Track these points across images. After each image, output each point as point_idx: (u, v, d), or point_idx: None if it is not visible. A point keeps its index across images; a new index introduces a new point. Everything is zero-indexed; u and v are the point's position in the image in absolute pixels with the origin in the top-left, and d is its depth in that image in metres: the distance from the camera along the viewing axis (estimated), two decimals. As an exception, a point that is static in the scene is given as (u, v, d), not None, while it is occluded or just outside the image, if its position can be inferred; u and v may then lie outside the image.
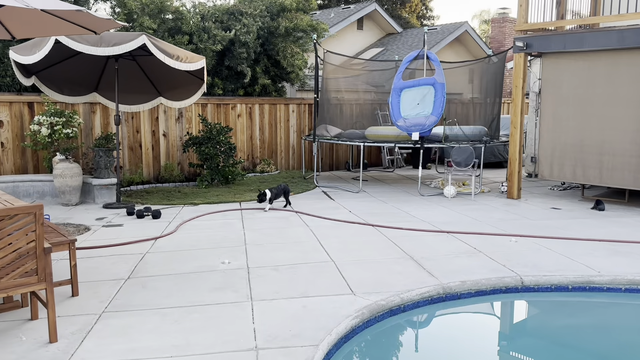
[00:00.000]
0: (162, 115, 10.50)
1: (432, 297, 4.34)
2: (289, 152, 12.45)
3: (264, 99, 11.93)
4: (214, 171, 9.77)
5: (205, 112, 11.03)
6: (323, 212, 7.60)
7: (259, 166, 11.77)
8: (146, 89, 8.97)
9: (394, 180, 11.36)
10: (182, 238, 6.07)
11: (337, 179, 11.38)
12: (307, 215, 7.36)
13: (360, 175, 10.22)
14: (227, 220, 7.04)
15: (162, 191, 9.44)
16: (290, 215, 7.40)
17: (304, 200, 8.63)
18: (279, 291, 4.30)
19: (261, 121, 11.94)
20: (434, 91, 8.76)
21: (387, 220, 6.97)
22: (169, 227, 6.65)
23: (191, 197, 8.87)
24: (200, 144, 9.74)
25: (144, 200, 8.60)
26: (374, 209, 7.84)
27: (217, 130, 9.77)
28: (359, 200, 8.63)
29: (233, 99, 11.44)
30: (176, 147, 10.69)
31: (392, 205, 8.15)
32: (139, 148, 10.29)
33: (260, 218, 7.19)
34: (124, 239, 6.00)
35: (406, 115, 8.91)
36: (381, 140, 9.85)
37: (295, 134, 12.51)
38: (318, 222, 6.87)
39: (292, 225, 6.71)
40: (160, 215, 7.19)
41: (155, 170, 10.49)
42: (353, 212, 7.63)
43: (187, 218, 7.15)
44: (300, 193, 9.47)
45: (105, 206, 7.96)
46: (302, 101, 12.58)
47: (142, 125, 10.29)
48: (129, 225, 6.74)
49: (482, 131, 10.35)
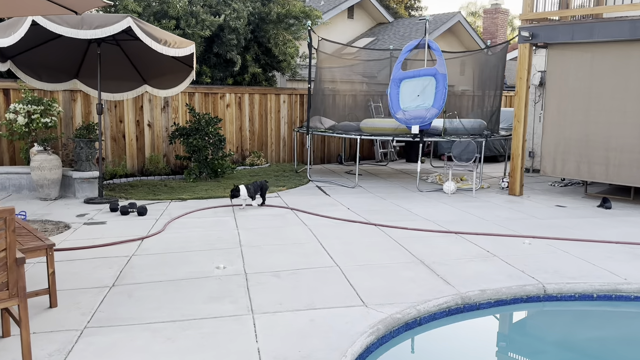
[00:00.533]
0: (147, 104, 9.96)
1: (450, 307, 3.97)
2: (279, 144, 11.99)
3: (254, 89, 11.43)
4: (203, 164, 9.29)
5: (193, 101, 10.51)
6: (320, 209, 7.19)
7: (248, 159, 11.30)
8: (130, 76, 8.43)
9: (388, 174, 10.98)
10: (171, 238, 5.60)
11: (331, 173, 10.96)
12: (304, 212, 6.93)
13: (356, 170, 9.82)
14: (219, 218, 6.59)
15: (147, 185, 8.93)
16: (286, 212, 6.97)
17: (298, 196, 8.20)
18: (282, 302, 3.88)
19: (251, 112, 11.45)
20: (435, 82, 8.37)
21: (389, 219, 6.58)
22: (156, 225, 6.18)
23: (178, 191, 8.38)
24: (188, 135, 9.24)
25: (128, 194, 8.09)
26: (372, 206, 7.44)
27: (206, 120, 9.27)
28: (356, 196, 8.23)
29: (222, 88, 10.92)
30: (162, 138, 10.17)
31: (391, 202, 7.76)
32: (123, 139, 9.75)
33: (254, 215, 6.75)
34: (108, 239, 5.52)
35: (406, 107, 8.51)
36: (378, 133, 9.44)
37: (286, 125, 12.04)
38: (316, 221, 6.45)
39: (289, 224, 6.28)
40: (146, 211, 6.71)
41: (139, 162, 9.97)
42: (352, 209, 7.22)
43: (176, 215, 6.68)
44: (294, 188, 9.04)
45: (87, 201, 7.44)
46: (293, 91, 12.11)
47: (125, 115, 9.74)
48: (112, 223, 6.25)
49: (482, 125, 10.00)
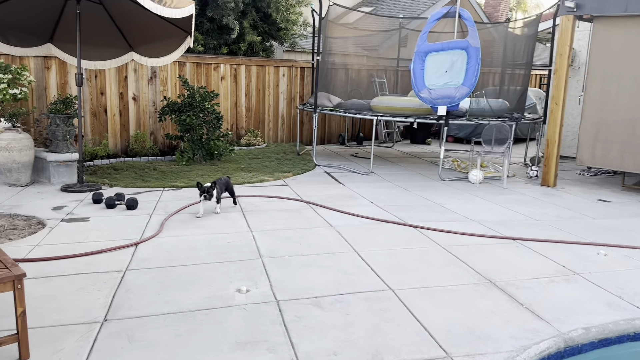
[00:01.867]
0: (132, 75, 8.74)
1: (551, 354, 3.05)
2: (277, 122, 10.89)
3: (251, 60, 10.26)
4: (197, 145, 8.17)
5: (184, 72, 9.31)
6: (340, 203, 6.20)
7: (244, 138, 10.19)
8: (114, 41, 7.22)
9: (399, 158, 10.01)
10: (172, 243, 4.56)
11: (336, 156, 9.94)
12: (323, 208, 5.93)
13: (371, 155, 8.81)
14: (225, 214, 5.55)
15: (134, 167, 7.79)
16: (302, 207, 5.96)
17: (308, 185, 7.19)
18: (336, 351, 2.90)
19: (247, 85, 10.29)
20: (467, 57, 7.35)
21: (425, 218, 5.63)
22: (150, 223, 5.11)
23: (171, 176, 7.28)
24: (181, 111, 8.09)
25: (112, 180, 6.97)
26: (398, 199, 6.48)
27: (202, 95, 8.12)
28: (374, 186, 7.25)
29: (216, 58, 9.73)
30: (148, 114, 8.99)
31: (417, 194, 6.81)
32: (104, 113, 8.55)
33: (266, 211, 5.73)
34: (93, 243, 4.44)
35: (432, 85, 7.49)
36: (396, 113, 8.42)
37: (285, 101, 10.93)
38: (342, 220, 5.46)
39: (312, 223, 5.27)
40: (137, 204, 5.63)
41: (123, 141, 8.79)
42: (376, 203, 6.25)
43: (173, 210, 5.61)
44: (301, 174, 8.01)
45: (65, 189, 6.31)
46: (293, 64, 10.96)
47: (107, 86, 8.52)
48: (97, 220, 5.17)
49: (504, 105, 9.08)
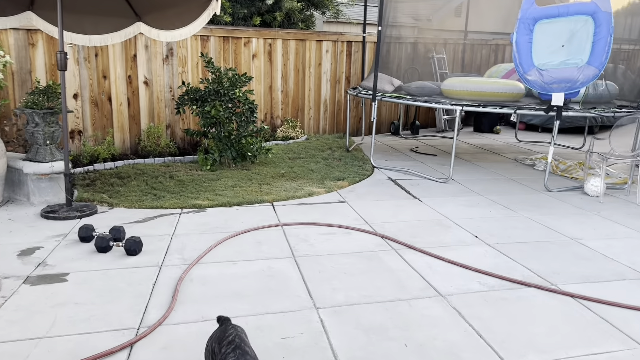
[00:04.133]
0: (142, 53, 6.92)
1: None
2: (319, 109, 8.98)
3: (289, 32, 8.32)
4: (225, 143, 6.34)
5: (207, 48, 7.45)
6: (429, 237, 4.32)
7: (280, 129, 8.33)
8: (115, 7, 5.39)
9: (472, 154, 8.04)
10: (190, 337, 2.75)
11: (393, 152, 8.01)
12: (411, 249, 4.06)
13: (451, 160, 6.90)
14: (268, 263, 3.72)
15: (144, 174, 6.02)
16: (379, 247, 4.09)
17: (374, 202, 5.31)
18: None
19: (285, 65, 8.38)
20: (594, 25, 5.31)
21: (571, 271, 3.71)
22: (158, 284, 3.32)
23: (191, 189, 5.49)
24: (204, 100, 6.26)
25: (114, 195, 5.20)
26: (509, 229, 4.58)
27: (230, 79, 6.26)
28: (463, 202, 5.34)
29: (247, 31, 7.83)
30: (164, 102, 7.18)
31: (530, 219, 4.89)
32: (108, 103, 6.77)
33: (328, 256, 3.89)
34: (58, 341, 2.68)
35: (543, 65, 5.48)
36: (485, 100, 6.44)
37: (329, 83, 8.99)
38: (449, 277, 3.58)
39: (405, 287, 3.39)
40: (141, 247, 3.83)
41: (132, 136, 7.02)
42: (481, 237, 4.35)
43: (193, 254, 3.81)
44: (358, 182, 6.14)
45: (46, 213, 4.56)
46: (339, 37, 8.98)
47: (112, 67, 6.72)
48: (79, 278, 3.40)
49: (615, 90, 7.03)
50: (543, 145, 9.03)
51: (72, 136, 6.56)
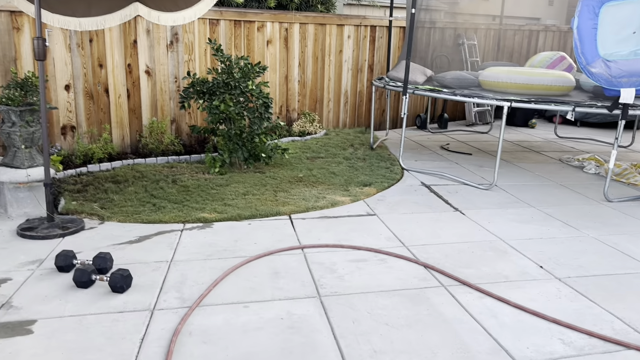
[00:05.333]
0: (143, 38, 6.14)
1: None
2: (339, 101, 8.17)
3: (307, 16, 7.49)
4: (235, 142, 5.57)
5: (216, 33, 6.65)
6: (483, 267, 3.53)
7: (297, 124, 7.54)
8: (107, -14, 4.61)
9: (510, 153, 7.19)
10: None
11: (422, 150, 7.19)
12: (463, 285, 3.27)
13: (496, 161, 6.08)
14: (288, 304, 2.96)
15: (144, 178, 5.27)
16: (424, 282, 3.30)
17: (408, 215, 4.52)
18: None
19: (302, 52, 7.56)
20: (677, 8, 4.44)
21: (669, 317, 2.93)
22: (147, 337, 2.58)
23: (196, 197, 4.74)
24: (212, 93, 5.48)
25: (106, 205, 4.47)
26: (576, 254, 3.77)
27: (242, 69, 5.47)
28: (515, 217, 4.54)
29: (261, 14, 7.01)
30: (168, 94, 6.42)
31: (598, 239, 4.07)
32: (105, 95, 6.02)
33: (362, 295, 3.11)
34: None
35: (610, 55, 4.63)
36: (533, 93, 5.59)
37: (350, 72, 8.16)
38: (522, 332, 2.80)
39: (465, 344, 2.64)
40: (129, 283, 3.08)
41: (133, 132, 6.27)
42: (547, 267, 3.55)
43: (193, 293, 3.06)
44: (387, 188, 5.34)
45: (23, 231, 3.83)
46: (362, 21, 8.12)
47: (108, 55, 5.96)
48: (47, 327, 2.66)
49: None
50: (587, 142, 8.15)
51: (65, 132, 5.84)
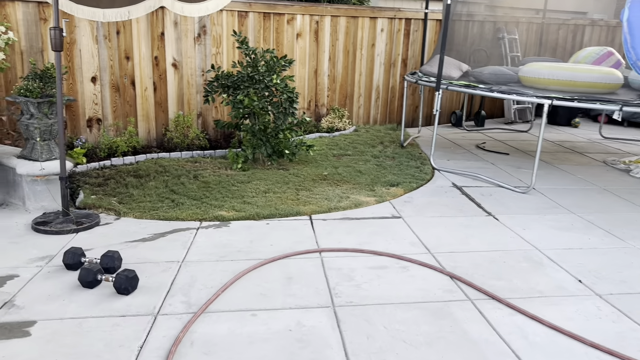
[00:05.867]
0: (170, 30, 6.04)
1: None
2: (370, 96, 7.91)
3: (339, 8, 7.26)
4: (259, 138, 5.41)
5: (245, 25, 6.50)
6: (515, 279, 3.25)
7: (325, 119, 7.33)
8: (130, -25, 4.51)
9: (551, 154, 6.79)
10: None
11: (456, 149, 6.88)
12: (489, 298, 3.01)
13: (535, 163, 5.75)
14: (299, 314, 2.76)
15: (165, 173, 5.17)
16: (448, 294, 3.05)
17: (436, 218, 4.26)
18: None
19: (333, 45, 7.34)
20: None
21: None
22: (147, 345, 2.43)
23: (216, 194, 4.59)
24: (236, 87, 5.32)
25: (124, 200, 4.38)
26: (621, 268, 3.44)
27: (268, 63, 5.29)
28: (553, 223, 4.21)
29: (291, 6, 6.82)
30: (195, 87, 6.32)
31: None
32: (131, 87, 5.95)
33: (380, 306, 2.88)
34: None
35: (664, 50, 4.23)
36: (577, 91, 5.22)
37: (383, 67, 7.89)
38: (554, 356, 2.53)
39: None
40: (136, 284, 2.95)
41: (159, 126, 6.19)
42: (590, 284, 3.24)
43: (201, 298, 2.91)
44: (416, 189, 5.08)
45: (37, 225, 3.76)
46: (396, 14, 7.83)
47: (135, 47, 5.88)
48: (46, 329, 2.55)
49: None
50: (635, 144, 7.65)
51: (90, 125, 5.80)
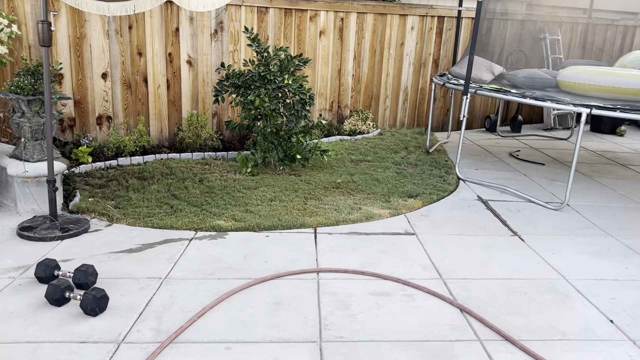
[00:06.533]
0: (185, 26, 5.80)
1: None
2: (397, 98, 7.49)
3: (366, 5, 6.87)
4: (271, 142, 5.09)
5: (264, 22, 6.20)
6: (537, 319, 2.82)
7: (348, 122, 6.96)
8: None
9: (590, 165, 6.23)
10: None
11: (486, 157, 6.39)
12: (503, 340, 2.60)
13: (569, 177, 5.27)
14: (280, 349, 2.42)
15: (171, 175, 4.92)
16: (455, 332, 2.66)
17: (454, 237, 3.84)
18: None
19: (358, 44, 6.96)
20: None
21: None
22: (101, 381, 2.16)
23: (218, 200, 4.31)
24: (247, 87, 5.03)
25: (121, 204, 4.14)
26: (662, 307, 2.97)
27: (281, 61, 4.97)
28: (587, 247, 3.74)
29: (314, 2, 6.48)
30: (211, 85, 6.06)
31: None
32: (144, 85, 5.74)
33: (374, 344, 2.52)
34: None
35: None
36: (622, 99, 4.69)
37: (412, 67, 7.45)
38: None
39: None
40: (105, 304, 2.68)
41: (172, 125, 5.97)
42: (619, 323, 2.79)
43: (174, 323, 2.61)
44: (435, 201, 4.66)
45: (22, 231, 3.55)
46: (428, 11, 7.38)
47: (148, 43, 5.67)
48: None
49: None
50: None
51: (100, 123, 5.62)
